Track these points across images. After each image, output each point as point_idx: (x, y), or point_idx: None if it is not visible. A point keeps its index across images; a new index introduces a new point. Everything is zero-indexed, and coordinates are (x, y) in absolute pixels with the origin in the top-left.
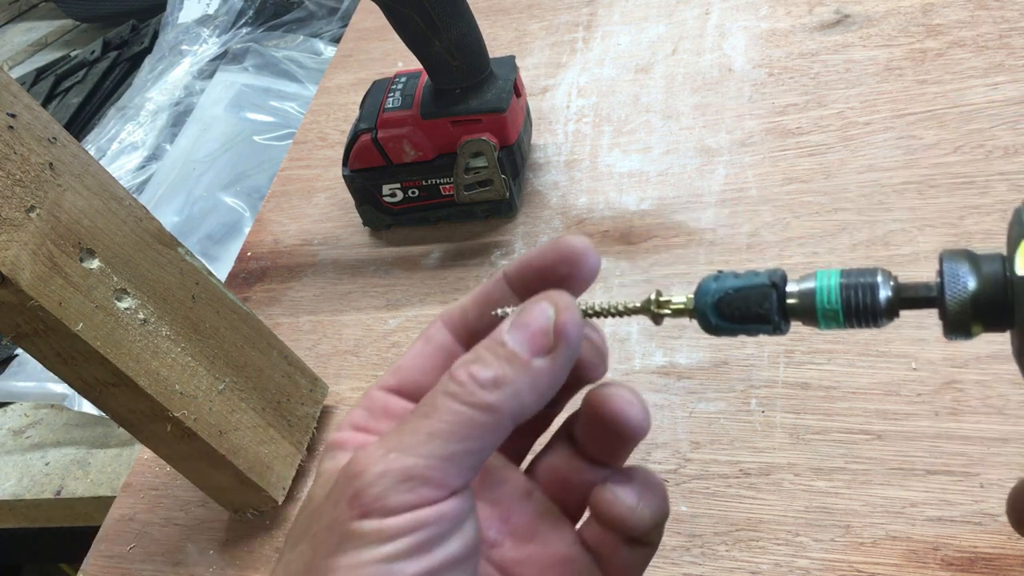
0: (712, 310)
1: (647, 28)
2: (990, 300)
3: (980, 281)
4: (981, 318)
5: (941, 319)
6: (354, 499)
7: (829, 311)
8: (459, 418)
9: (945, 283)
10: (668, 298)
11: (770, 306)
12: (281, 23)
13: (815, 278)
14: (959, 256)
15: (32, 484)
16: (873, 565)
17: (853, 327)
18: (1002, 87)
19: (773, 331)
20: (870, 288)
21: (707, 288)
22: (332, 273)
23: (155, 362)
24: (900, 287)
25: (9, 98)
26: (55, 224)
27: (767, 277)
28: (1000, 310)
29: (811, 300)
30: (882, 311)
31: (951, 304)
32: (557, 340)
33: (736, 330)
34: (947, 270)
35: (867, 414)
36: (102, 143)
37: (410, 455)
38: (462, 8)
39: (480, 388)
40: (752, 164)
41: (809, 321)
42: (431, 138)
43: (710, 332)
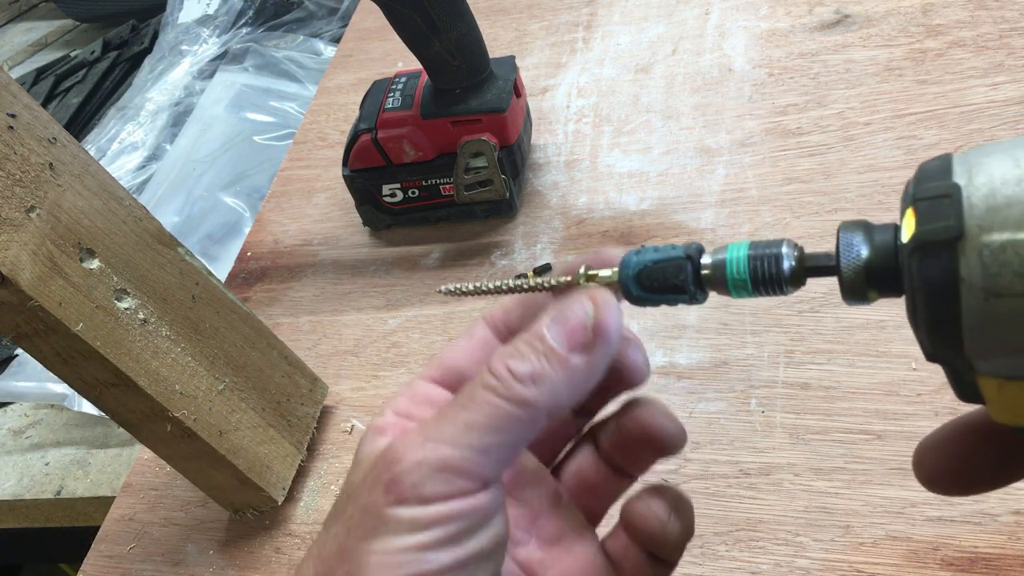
0: (633, 282)
1: (647, 28)
2: (881, 267)
3: (872, 249)
4: (875, 284)
5: (839, 285)
6: (391, 485)
7: (738, 280)
8: (496, 411)
9: (840, 252)
10: (596, 272)
11: (685, 277)
12: (281, 23)
13: (726, 250)
14: (855, 226)
15: (32, 484)
16: (873, 565)
17: (761, 295)
18: (1002, 87)
19: (690, 300)
20: (775, 258)
21: (628, 261)
22: (332, 273)
23: (155, 362)
24: (803, 256)
25: (9, 98)
26: (55, 224)
27: (683, 250)
28: (891, 276)
29: (722, 271)
30: (787, 279)
31: (846, 271)
32: (596, 337)
33: (656, 300)
34: (843, 239)
35: (867, 414)
36: (102, 143)
37: (447, 445)
38: (462, 8)
39: (517, 382)
40: (752, 164)
41: (721, 290)
42: (431, 138)
43: (632, 302)
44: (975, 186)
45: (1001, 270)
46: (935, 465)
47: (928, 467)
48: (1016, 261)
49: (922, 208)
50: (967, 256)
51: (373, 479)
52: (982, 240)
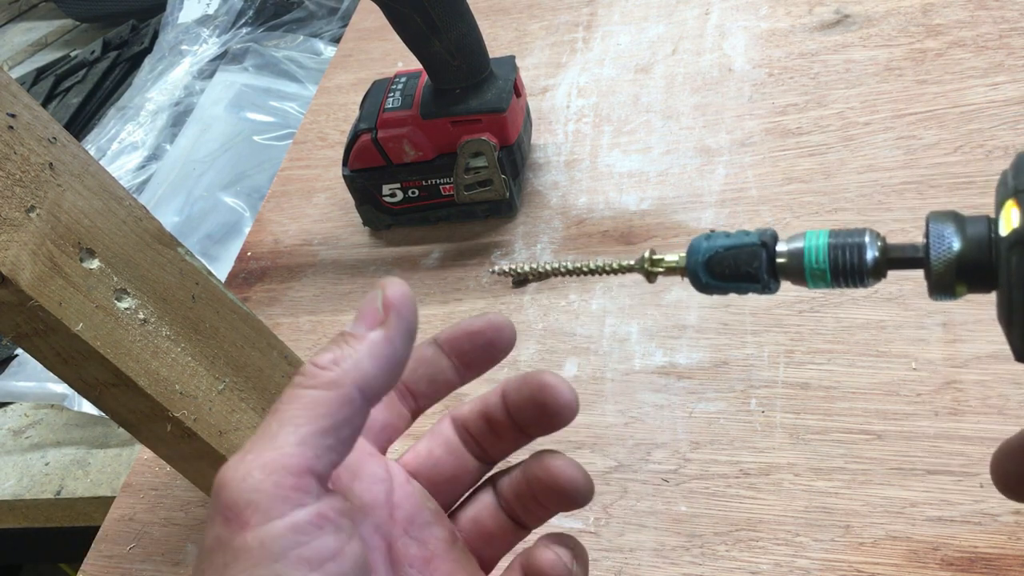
0: (703, 268)
1: (647, 28)
2: (974, 261)
3: (965, 242)
4: (965, 278)
5: (926, 279)
6: (227, 512)
7: (817, 270)
8: (305, 401)
9: (931, 243)
10: (661, 256)
11: (759, 264)
12: (281, 23)
13: (804, 238)
14: (945, 217)
15: (32, 484)
16: (873, 565)
17: (841, 287)
18: (1002, 87)
19: (763, 290)
20: (857, 248)
21: (698, 247)
22: (332, 273)
23: (155, 362)
24: (887, 247)
25: (9, 98)
26: (55, 224)
27: (757, 236)
28: (984, 271)
29: (799, 260)
30: (869, 270)
31: (936, 264)
32: (386, 310)
33: (727, 288)
34: (933, 231)
35: (867, 414)
36: (102, 143)
37: (266, 449)
38: (462, 8)
39: (321, 370)
40: (752, 164)
41: (798, 280)
42: (431, 138)
43: (701, 290)
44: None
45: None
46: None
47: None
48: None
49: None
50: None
51: (211, 513)
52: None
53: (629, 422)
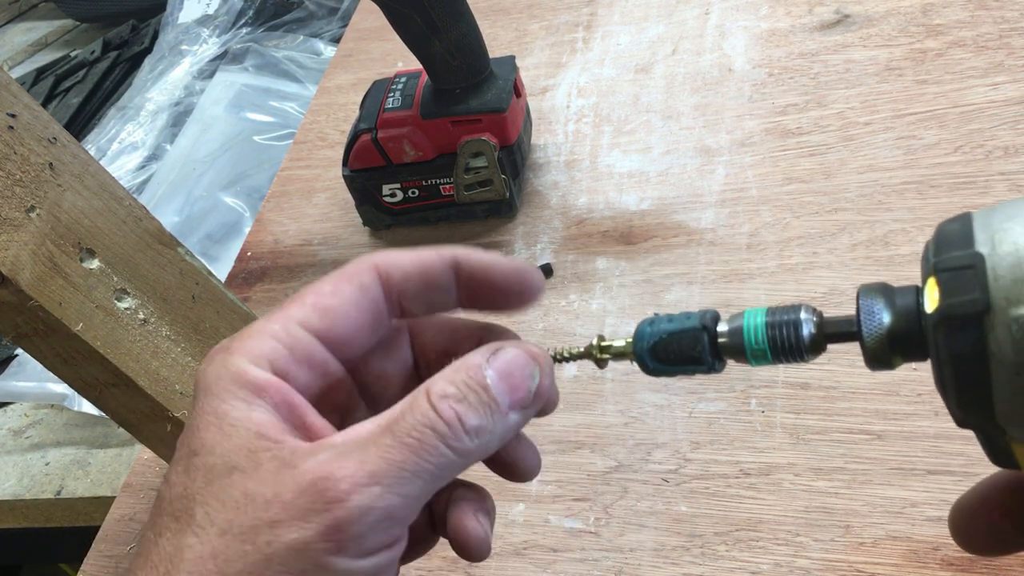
0: (648, 355)
1: (647, 28)
2: (905, 333)
3: (895, 315)
4: (899, 351)
5: (863, 353)
6: (333, 531)
7: (757, 350)
8: (443, 461)
9: (861, 319)
10: (609, 343)
11: (702, 348)
12: (281, 23)
13: (743, 317)
14: (875, 291)
15: (32, 484)
16: (873, 565)
17: (781, 363)
18: (1002, 87)
19: (708, 371)
20: (793, 325)
21: (643, 332)
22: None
23: (155, 362)
24: (823, 323)
25: (9, 98)
26: (55, 224)
27: (699, 319)
28: (915, 342)
29: (740, 340)
30: (807, 347)
31: (868, 340)
32: (536, 401)
33: (673, 371)
34: (863, 306)
35: (867, 414)
36: (102, 143)
37: (394, 493)
38: (462, 8)
39: (466, 435)
40: (752, 164)
41: (740, 359)
42: (431, 138)
43: (648, 374)
44: (999, 255)
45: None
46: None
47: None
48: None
49: (945, 280)
50: (996, 331)
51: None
52: (1011, 314)
53: (629, 422)
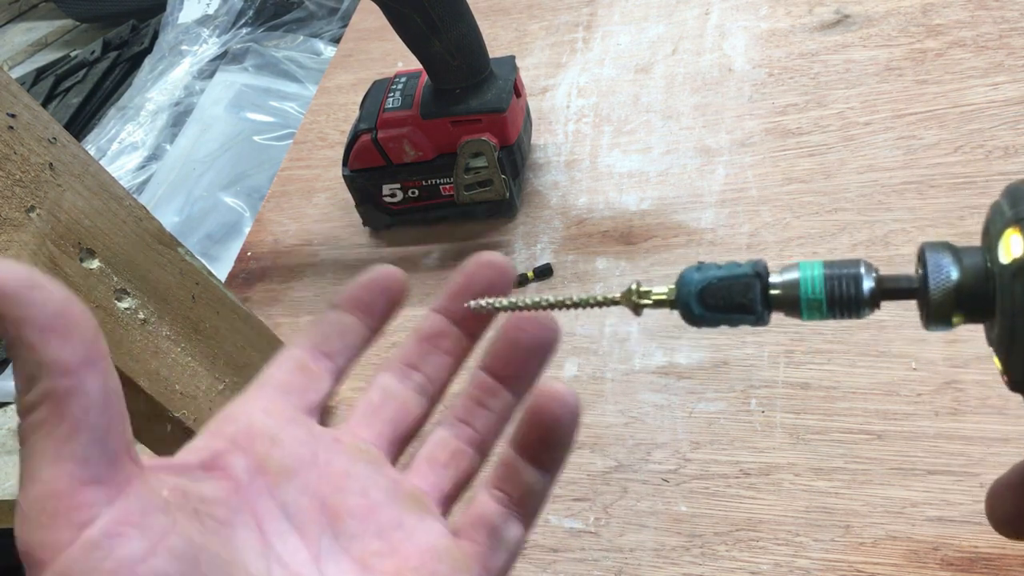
0: (696, 300)
1: (647, 28)
2: (972, 290)
3: (963, 272)
4: (963, 308)
5: (921, 309)
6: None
7: (813, 301)
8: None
9: (929, 273)
10: (649, 288)
11: (754, 296)
12: (281, 23)
13: (798, 268)
14: (941, 248)
15: None
16: (873, 565)
17: (835, 318)
18: (1002, 87)
19: (756, 321)
20: (853, 279)
21: (690, 279)
22: (332, 273)
23: (155, 362)
24: (882, 278)
25: (9, 98)
26: (55, 224)
27: (751, 267)
28: (981, 300)
29: (795, 291)
30: (865, 301)
31: (935, 294)
32: None
33: (719, 320)
34: (930, 261)
35: (867, 414)
36: (102, 143)
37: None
38: (462, 8)
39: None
40: (752, 164)
41: (792, 312)
42: (431, 138)
43: (692, 323)
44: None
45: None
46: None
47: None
48: None
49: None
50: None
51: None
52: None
53: (629, 422)
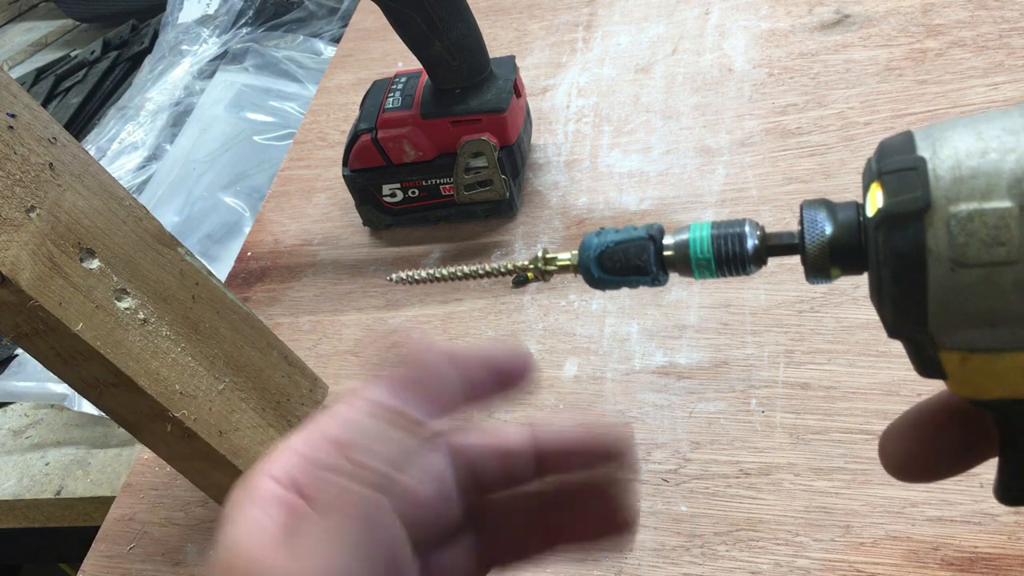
0: (595, 263)
1: (647, 28)
2: (845, 243)
3: (836, 226)
4: (838, 261)
5: (803, 263)
6: None
7: (702, 260)
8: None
9: (804, 229)
10: (554, 255)
11: (648, 257)
12: (281, 23)
13: (688, 230)
14: (817, 204)
15: (32, 484)
16: (873, 565)
17: (724, 275)
18: (1002, 87)
19: (652, 282)
20: (738, 238)
21: (589, 243)
22: (332, 273)
23: (155, 362)
24: (766, 236)
25: (9, 98)
26: (55, 224)
27: (645, 231)
28: (854, 252)
29: (685, 251)
30: (749, 258)
31: (811, 249)
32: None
33: (618, 282)
34: (806, 217)
35: (867, 414)
36: (102, 143)
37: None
38: (462, 8)
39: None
40: (752, 164)
41: (684, 271)
42: (431, 138)
43: (593, 285)
44: (940, 159)
45: (968, 240)
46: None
47: (893, 455)
48: (983, 231)
49: (889, 181)
50: (934, 227)
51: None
52: (949, 210)
53: (629, 422)
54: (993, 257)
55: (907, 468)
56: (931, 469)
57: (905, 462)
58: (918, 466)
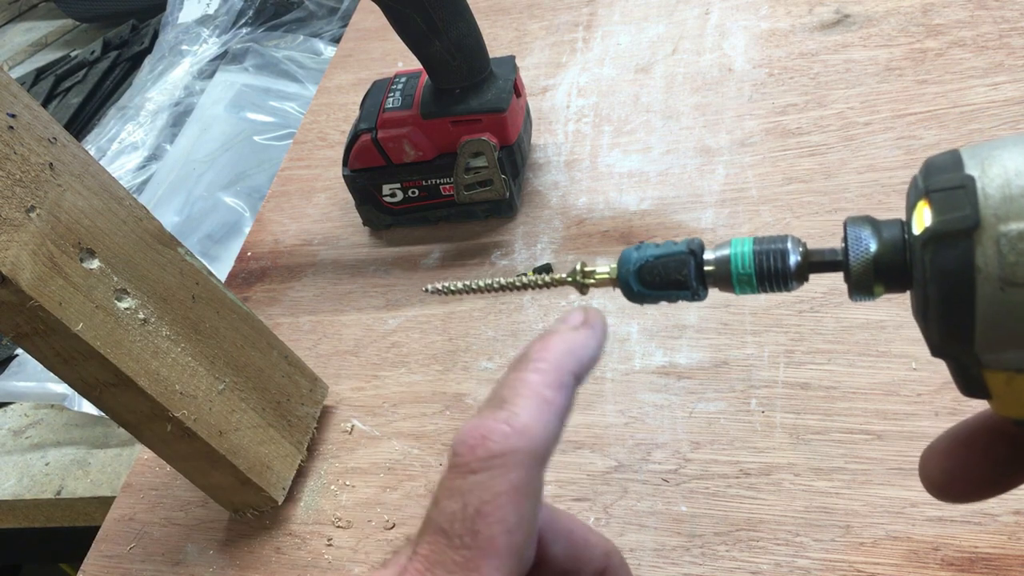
0: (634, 277)
1: (647, 28)
2: (890, 261)
3: (881, 244)
4: (882, 279)
5: (846, 281)
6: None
7: (743, 276)
8: None
9: (849, 246)
10: (592, 268)
11: (688, 272)
12: (281, 23)
13: (730, 246)
14: (862, 221)
15: (32, 484)
16: (873, 565)
17: (766, 291)
18: (1002, 87)
19: (692, 297)
20: (781, 254)
21: (629, 257)
22: (332, 273)
23: (155, 362)
24: (808, 252)
25: (9, 98)
26: (55, 224)
27: (685, 245)
28: (899, 271)
29: (726, 266)
30: (792, 274)
31: (855, 266)
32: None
33: (658, 296)
34: (850, 234)
35: (867, 414)
36: (102, 143)
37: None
38: (462, 8)
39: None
40: (752, 164)
41: (725, 287)
42: (431, 138)
43: (632, 299)
44: (989, 177)
45: (1019, 259)
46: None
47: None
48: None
49: (937, 199)
50: (983, 246)
51: None
52: (999, 229)
53: (629, 422)
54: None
55: (948, 488)
56: (971, 489)
57: (946, 482)
58: (959, 486)
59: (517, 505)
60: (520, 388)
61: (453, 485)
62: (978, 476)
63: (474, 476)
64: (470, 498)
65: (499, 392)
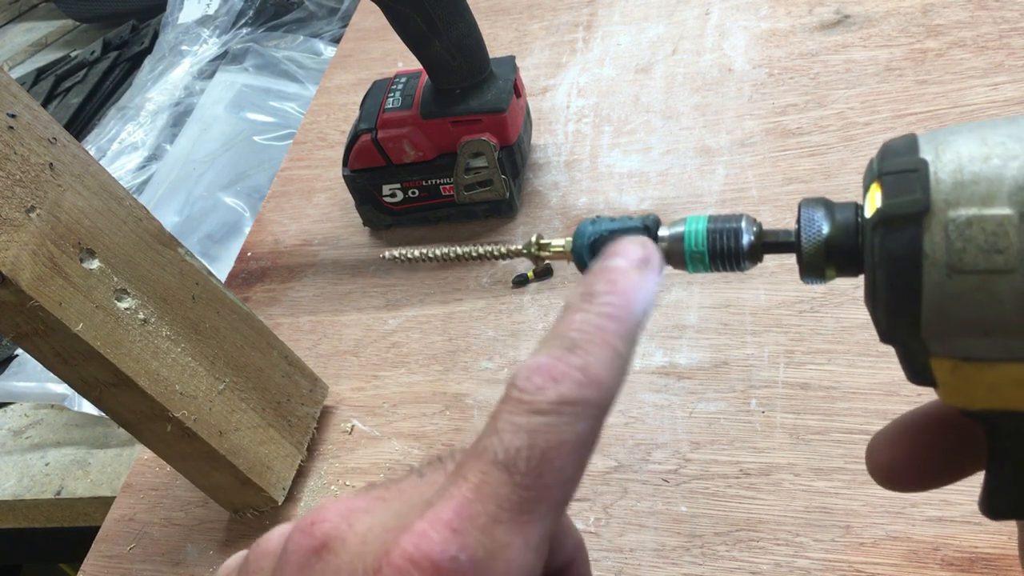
0: (587, 251)
1: (647, 28)
2: (842, 244)
3: (833, 226)
4: (834, 261)
5: (798, 263)
6: None
7: (696, 254)
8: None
9: (802, 228)
10: (548, 241)
11: None
12: (281, 23)
13: (685, 223)
14: (816, 203)
15: (32, 484)
16: (873, 565)
17: (719, 270)
18: (1002, 87)
19: None
20: (734, 233)
21: (583, 231)
22: (332, 273)
23: (155, 362)
24: (762, 232)
25: (9, 98)
26: (55, 224)
27: (640, 221)
28: (851, 254)
29: (680, 243)
30: (745, 254)
31: (807, 248)
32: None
33: None
34: (804, 216)
35: (867, 414)
36: (102, 143)
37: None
38: (462, 8)
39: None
40: (752, 164)
41: (678, 264)
42: (431, 138)
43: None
44: (942, 162)
45: (966, 246)
46: (887, 460)
47: (880, 463)
48: (981, 237)
49: (888, 182)
50: (932, 231)
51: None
52: (948, 215)
53: (629, 422)
54: (990, 264)
55: (894, 477)
56: (918, 479)
57: (892, 471)
58: (905, 475)
59: (580, 457)
60: (593, 334)
61: (518, 421)
62: (926, 466)
63: (541, 417)
64: (537, 439)
65: (567, 332)
